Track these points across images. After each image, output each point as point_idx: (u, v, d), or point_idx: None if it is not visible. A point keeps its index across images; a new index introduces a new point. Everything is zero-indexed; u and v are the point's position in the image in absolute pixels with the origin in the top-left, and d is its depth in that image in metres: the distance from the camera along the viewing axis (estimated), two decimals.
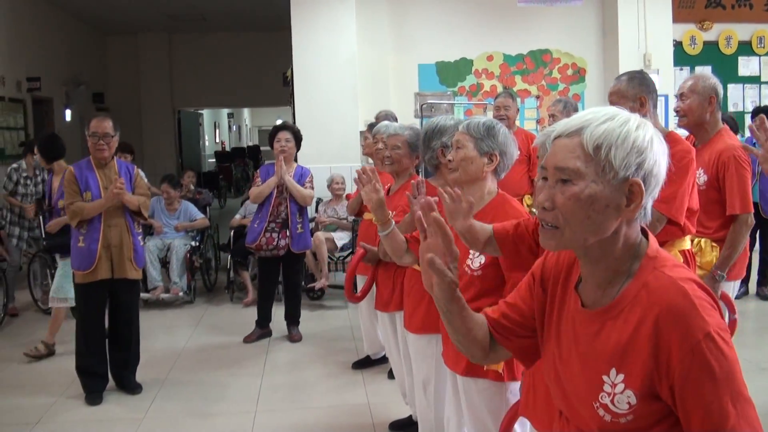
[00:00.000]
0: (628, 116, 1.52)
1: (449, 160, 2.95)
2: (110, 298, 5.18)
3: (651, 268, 1.51)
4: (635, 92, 3.52)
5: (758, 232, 7.49)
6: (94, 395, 5.08)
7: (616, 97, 3.55)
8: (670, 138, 3.51)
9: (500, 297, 2.74)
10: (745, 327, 6.68)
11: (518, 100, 7.58)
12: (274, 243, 6.24)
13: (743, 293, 7.52)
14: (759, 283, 7.59)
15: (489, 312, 1.85)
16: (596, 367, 1.54)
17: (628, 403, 1.47)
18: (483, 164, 2.87)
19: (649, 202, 1.52)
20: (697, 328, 1.39)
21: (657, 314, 1.43)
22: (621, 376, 1.48)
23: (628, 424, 1.49)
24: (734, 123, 7.17)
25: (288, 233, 6.28)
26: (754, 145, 3.38)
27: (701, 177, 3.92)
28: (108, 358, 5.21)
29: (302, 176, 6.35)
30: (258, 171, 6.54)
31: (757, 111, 7.44)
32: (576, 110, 5.70)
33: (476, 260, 2.85)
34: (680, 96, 4.07)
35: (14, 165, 7.61)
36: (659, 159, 1.50)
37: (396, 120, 6.00)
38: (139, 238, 5.25)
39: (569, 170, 1.50)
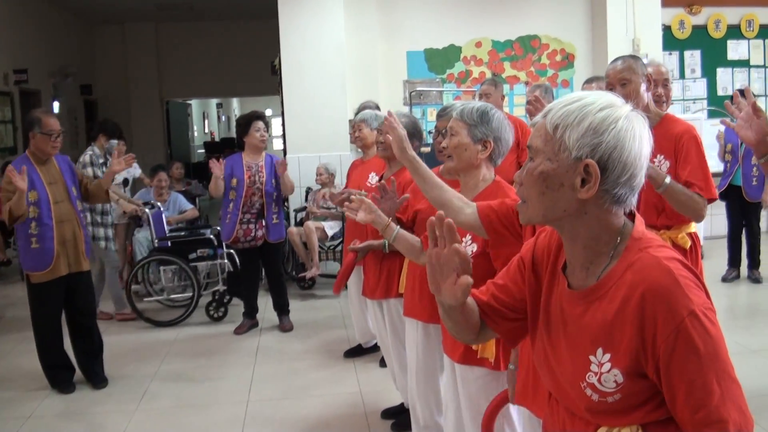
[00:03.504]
0: (595, 99, 1.52)
1: (443, 147, 2.93)
2: (67, 291, 5.16)
3: (636, 249, 1.51)
4: (643, 71, 3.52)
5: (743, 215, 7.54)
6: (66, 384, 5.16)
7: (628, 73, 3.50)
8: (669, 121, 3.55)
9: None
10: (737, 310, 6.74)
11: (504, 86, 7.58)
12: (252, 234, 6.24)
13: (734, 277, 7.58)
14: (750, 266, 7.62)
15: (478, 294, 1.84)
16: (583, 347, 1.55)
17: (615, 381, 1.48)
18: (477, 151, 2.83)
19: (621, 189, 1.50)
20: (681, 306, 1.40)
21: (642, 293, 1.44)
22: (607, 356, 1.49)
23: (616, 403, 1.50)
24: None
25: (264, 223, 6.29)
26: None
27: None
28: (73, 351, 5.31)
29: (275, 167, 6.31)
30: (224, 162, 6.27)
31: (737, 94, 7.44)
32: (552, 95, 5.73)
33: (468, 248, 2.84)
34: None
35: (89, 151, 6.92)
36: (627, 144, 1.48)
37: (378, 110, 5.97)
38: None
39: (533, 148, 1.56)
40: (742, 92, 2.69)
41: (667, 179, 3.29)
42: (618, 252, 1.54)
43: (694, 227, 3.69)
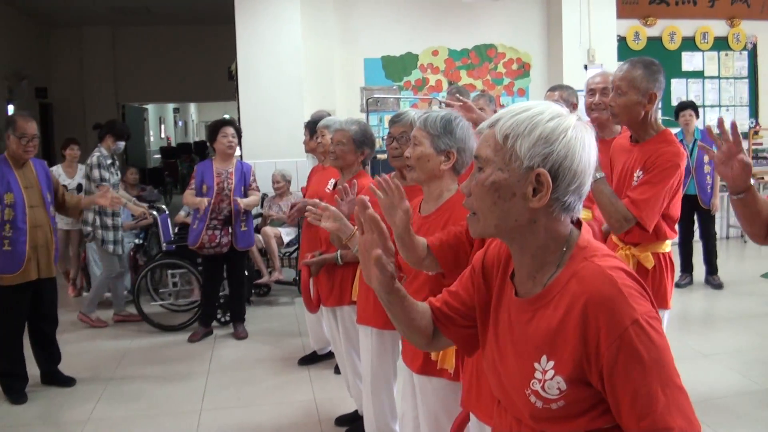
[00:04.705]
0: (543, 109, 1.52)
1: (407, 157, 2.86)
2: (32, 297, 5.12)
3: (581, 258, 1.52)
4: (648, 87, 3.31)
5: (697, 222, 7.72)
6: (18, 395, 5.06)
7: (626, 86, 3.32)
8: (662, 138, 3.36)
9: None
10: (691, 316, 6.84)
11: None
12: (217, 240, 6.16)
13: (687, 282, 7.72)
14: (709, 272, 7.75)
15: (432, 300, 1.87)
16: (528, 355, 1.55)
17: (559, 389, 1.49)
18: (440, 162, 2.76)
19: (570, 197, 1.52)
20: (624, 315, 1.40)
21: (585, 302, 1.45)
22: (551, 363, 1.50)
23: (560, 410, 1.51)
24: None
25: (231, 230, 6.23)
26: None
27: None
28: (35, 358, 5.28)
29: (245, 174, 6.28)
30: (195, 169, 6.32)
31: (683, 106, 7.59)
32: (495, 104, 5.75)
33: None
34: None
35: (96, 152, 6.70)
36: (577, 153, 1.49)
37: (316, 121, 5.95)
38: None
39: (481, 158, 1.56)
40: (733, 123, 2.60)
41: (599, 174, 3.20)
42: (563, 261, 1.55)
43: (666, 248, 3.54)
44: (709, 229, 7.70)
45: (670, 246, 3.57)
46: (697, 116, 7.68)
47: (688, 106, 7.56)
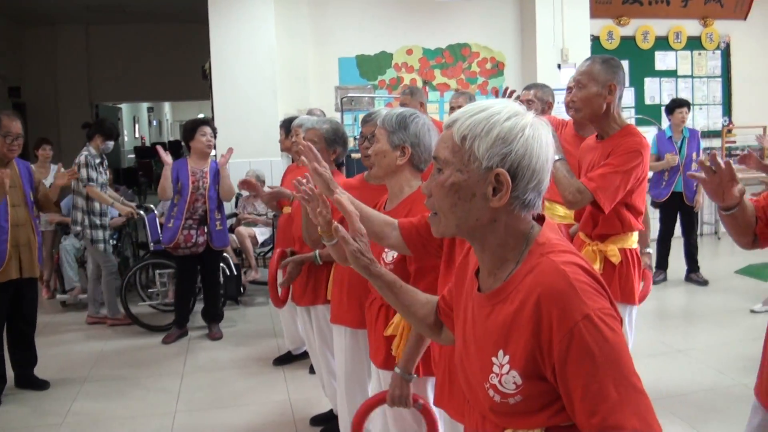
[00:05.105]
0: (500, 108, 1.53)
1: (367, 155, 2.94)
2: (13, 298, 5.07)
3: (538, 254, 1.53)
4: (606, 78, 3.39)
5: (679, 219, 7.80)
6: None
7: (585, 79, 3.41)
8: (625, 131, 3.43)
9: None
10: (668, 312, 6.91)
11: (435, 93, 7.59)
12: (193, 240, 6.13)
13: (662, 279, 7.81)
14: (692, 270, 7.82)
15: (442, 294, 1.95)
16: (487, 349, 1.56)
17: (515, 383, 1.50)
18: (396, 157, 2.84)
19: (530, 194, 1.53)
20: (575, 310, 1.41)
21: (538, 296, 1.45)
22: (507, 357, 1.51)
23: (517, 404, 1.51)
24: None
25: (206, 230, 6.19)
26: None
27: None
28: (11, 360, 5.22)
29: (219, 173, 6.24)
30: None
31: (679, 103, 7.63)
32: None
33: (389, 254, 2.86)
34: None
35: (84, 152, 6.62)
36: (535, 151, 1.50)
37: (324, 116, 5.95)
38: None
39: (440, 159, 1.57)
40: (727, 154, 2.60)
41: (557, 155, 3.22)
42: (522, 257, 1.56)
43: (633, 243, 3.58)
44: (692, 226, 7.78)
45: (636, 242, 3.61)
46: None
47: (684, 103, 7.63)
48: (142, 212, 7.05)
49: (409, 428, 2.94)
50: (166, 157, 6.04)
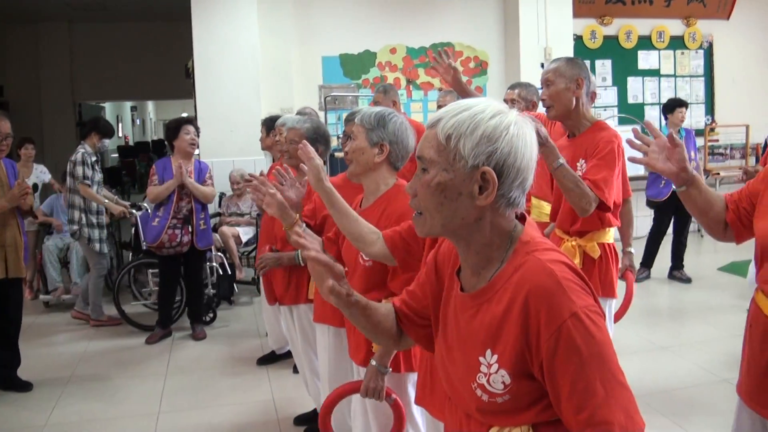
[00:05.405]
0: (484, 107, 1.53)
1: (346, 152, 2.95)
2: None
3: (524, 253, 1.54)
4: (573, 73, 3.48)
5: (677, 219, 7.82)
6: None
7: (553, 75, 3.48)
8: (596, 127, 3.53)
9: (387, 292, 2.77)
10: (654, 309, 6.94)
11: (418, 93, 7.58)
12: (177, 239, 6.09)
13: (645, 277, 7.84)
14: (677, 267, 7.87)
15: (395, 300, 1.90)
16: (473, 349, 1.57)
17: (503, 382, 1.51)
18: (374, 154, 2.86)
19: (515, 192, 1.53)
20: (563, 308, 1.42)
21: (526, 295, 1.46)
22: (495, 357, 1.52)
23: (505, 403, 1.52)
24: None
25: (190, 229, 6.16)
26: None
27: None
28: None
29: (201, 172, 6.22)
30: (153, 167, 6.23)
31: (679, 103, 7.64)
32: None
33: (367, 262, 2.86)
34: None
35: (80, 149, 6.56)
36: (519, 149, 1.51)
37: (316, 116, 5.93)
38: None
39: (425, 159, 1.56)
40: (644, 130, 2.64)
41: (561, 159, 3.25)
42: (507, 256, 1.56)
43: (610, 238, 3.64)
44: (685, 224, 7.82)
45: (613, 237, 3.67)
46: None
47: (684, 103, 7.66)
48: (134, 211, 7.01)
49: (390, 423, 2.93)
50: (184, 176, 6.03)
